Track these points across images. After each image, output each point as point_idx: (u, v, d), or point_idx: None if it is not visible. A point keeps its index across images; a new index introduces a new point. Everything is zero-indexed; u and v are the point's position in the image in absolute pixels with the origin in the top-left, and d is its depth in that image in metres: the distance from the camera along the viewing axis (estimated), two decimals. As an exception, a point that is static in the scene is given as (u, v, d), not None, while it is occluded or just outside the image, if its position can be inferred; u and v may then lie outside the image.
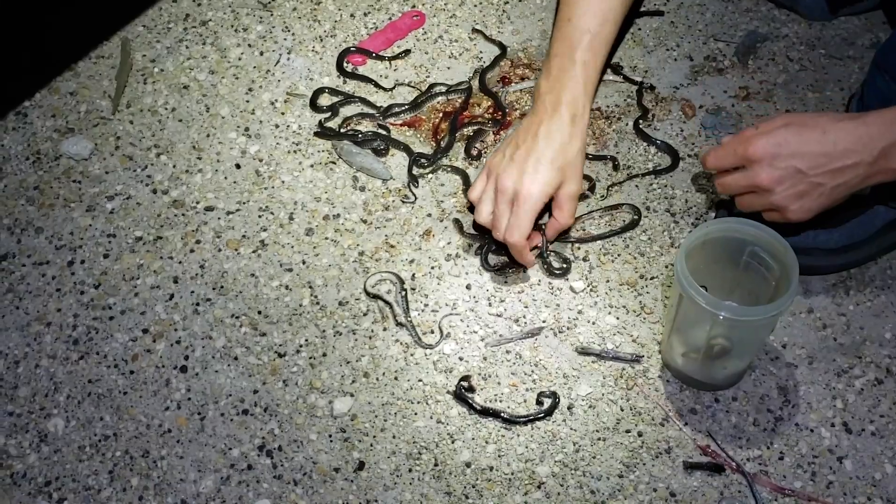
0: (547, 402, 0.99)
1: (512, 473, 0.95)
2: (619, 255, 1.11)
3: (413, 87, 1.28)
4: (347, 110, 1.25)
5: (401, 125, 1.24)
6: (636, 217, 1.13)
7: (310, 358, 1.03)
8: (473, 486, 0.94)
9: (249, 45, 1.33)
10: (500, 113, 1.23)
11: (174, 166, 1.20)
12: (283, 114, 1.25)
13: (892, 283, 1.07)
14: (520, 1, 1.37)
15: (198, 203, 1.17)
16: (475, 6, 1.36)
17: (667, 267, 1.09)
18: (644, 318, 1.05)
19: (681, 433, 0.97)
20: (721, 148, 0.96)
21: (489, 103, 1.25)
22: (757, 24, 1.32)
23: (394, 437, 0.97)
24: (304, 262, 1.11)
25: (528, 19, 1.35)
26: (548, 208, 1.08)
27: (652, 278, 1.08)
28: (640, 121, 1.22)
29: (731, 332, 0.93)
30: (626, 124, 1.23)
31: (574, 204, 1.07)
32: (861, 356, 1.02)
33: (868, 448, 0.95)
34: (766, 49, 1.29)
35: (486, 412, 0.98)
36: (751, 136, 0.93)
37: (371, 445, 0.97)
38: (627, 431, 0.97)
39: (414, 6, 1.37)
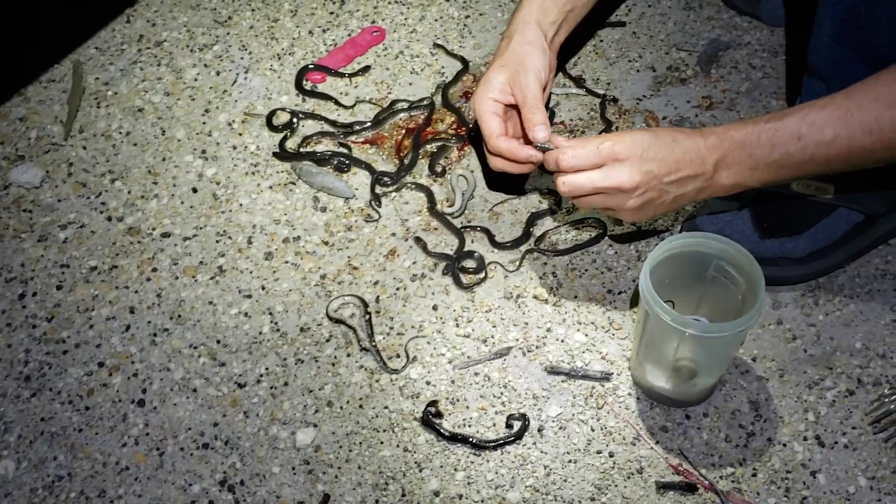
0: (516, 426, 0.96)
1: (482, 501, 0.92)
2: (586, 270, 1.09)
3: (374, 103, 1.25)
4: (307, 129, 1.22)
5: (362, 143, 1.22)
6: (601, 231, 1.11)
7: (271, 388, 1.00)
8: (442, 515, 0.92)
9: (206, 65, 1.30)
10: (463, 128, 1.21)
11: (129, 192, 1.17)
12: (240, 135, 1.22)
13: (861, 291, 1.06)
14: (481, 15, 1.35)
15: (154, 230, 1.13)
16: (436, 21, 1.35)
17: (634, 281, 1.08)
18: (613, 334, 1.04)
19: (652, 452, 0.95)
20: (582, 147, 0.93)
21: (452, 119, 1.23)
22: (719, 33, 1.31)
23: (359, 467, 0.95)
24: (263, 288, 1.08)
25: (489, 33, 1.33)
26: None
27: (620, 293, 1.07)
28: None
29: (698, 348, 0.92)
30: (591, 137, 1.21)
31: (531, 90, 0.99)
32: (832, 367, 1.00)
33: (841, 461, 0.94)
34: (728, 57, 1.28)
35: (454, 438, 0.96)
36: (614, 135, 0.93)
37: (336, 477, 0.94)
38: (598, 452, 0.95)
39: (374, 22, 1.35)
